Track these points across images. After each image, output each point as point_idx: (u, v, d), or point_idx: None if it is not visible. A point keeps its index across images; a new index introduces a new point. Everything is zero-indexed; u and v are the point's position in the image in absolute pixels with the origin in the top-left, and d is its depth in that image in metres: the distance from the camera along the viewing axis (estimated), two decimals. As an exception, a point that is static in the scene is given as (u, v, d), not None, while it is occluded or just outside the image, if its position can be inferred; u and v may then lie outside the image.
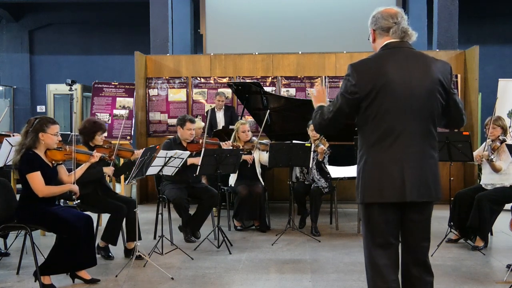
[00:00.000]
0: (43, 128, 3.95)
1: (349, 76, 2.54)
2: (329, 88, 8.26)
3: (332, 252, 5.01)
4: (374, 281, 2.56)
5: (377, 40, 2.63)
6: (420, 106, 2.49)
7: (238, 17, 10.56)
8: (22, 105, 12.92)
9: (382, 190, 2.48)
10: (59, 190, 4.05)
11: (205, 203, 5.46)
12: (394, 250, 2.56)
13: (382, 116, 2.48)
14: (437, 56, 7.98)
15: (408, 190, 2.45)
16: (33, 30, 13.12)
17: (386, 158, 2.49)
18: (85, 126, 4.84)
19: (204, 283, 4.07)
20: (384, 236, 2.53)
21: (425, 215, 2.57)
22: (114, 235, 4.64)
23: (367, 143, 2.55)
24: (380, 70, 2.49)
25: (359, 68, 2.53)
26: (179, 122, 5.59)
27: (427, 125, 2.52)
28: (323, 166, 6.00)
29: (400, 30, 2.55)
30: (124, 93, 8.58)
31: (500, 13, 11.95)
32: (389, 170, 2.47)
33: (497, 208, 5.03)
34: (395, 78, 2.48)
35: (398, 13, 2.58)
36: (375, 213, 2.53)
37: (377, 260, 2.53)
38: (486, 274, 4.28)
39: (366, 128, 2.54)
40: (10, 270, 4.41)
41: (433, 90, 2.51)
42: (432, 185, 2.51)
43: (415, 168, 2.47)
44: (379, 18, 2.59)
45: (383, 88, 2.47)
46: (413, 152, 2.49)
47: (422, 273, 2.57)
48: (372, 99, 2.49)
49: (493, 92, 8.36)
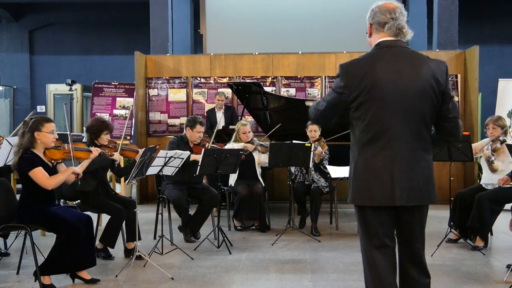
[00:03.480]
0: (38, 127, 3.95)
1: (338, 77, 2.52)
2: (329, 88, 8.27)
3: (332, 252, 5.01)
4: (372, 283, 2.54)
5: (373, 35, 2.58)
6: (412, 107, 2.43)
7: (238, 17, 10.55)
8: (22, 105, 12.92)
9: (372, 193, 2.46)
10: (63, 176, 4.01)
11: (205, 203, 5.46)
12: (390, 251, 2.54)
13: (372, 118, 2.44)
14: (437, 56, 8.00)
15: (397, 195, 2.42)
16: (33, 30, 13.12)
17: (376, 162, 2.45)
18: (93, 124, 4.85)
19: (204, 283, 4.07)
20: (379, 238, 2.51)
21: (418, 217, 2.53)
22: (112, 238, 4.64)
23: (357, 144, 2.52)
24: (370, 71, 2.44)
25: (349, 70, 2.49)
26: (189, 123, 5.55)
27: (419, 127, 2.46)
28: (322, 168, 6.01)
29: (396, 27, 2.49)
30: (124, 93, 8.59)
31: (500, 13, 11.95)
32: (379, 174, 2.44)
33: (497, 208, 5.03)
34: (384, 79, 2.42)
35: (396, 8, 2.51)
36: (368, 215, 2.51)
37: (375, 261, 2.51)
38: (486, 274, 4.28)
39: (357, 128, 2.51)
40: (10, 270, 4.41)
41: (426, 91, 2.43)
42: (424, 189, 2.47)
43: (405, 171, 2.43)
44: (377, 12, 2.53)
45: (372, 90, 2.42)
46: (404, 155, 2.44)
47: (419, 274, 2.55)
48: (361, 102, 2.45)
49: (493, 92, 8.38)
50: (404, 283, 2.59)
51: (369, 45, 2.62)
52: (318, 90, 8.31)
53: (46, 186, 3.88)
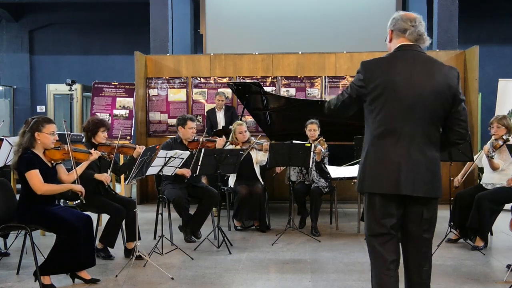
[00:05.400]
0: (38, 127, 3.95)
1: (359, 71, 2.71)
2: (329, 88, 8.27)
3: (332, 252, 5.01)
4: (375, 265, 2.67)
5: (393, 40, 2.76)
6: (423, 106, 2.59)
7: (238, 17, 10.55)
8: (22, 105, 12.91)
9: (380, 182, 2.62)
10: (58, 188, 4.04)
11: (205, 203, 5.46)
12: (395, 241, 2.68)
13: (384, 113, 2.61)
14: (437, 56, 8.00)
15: (403, 184, 2.57)
16: (33, 30, 13.10)
17: (386, 153, 2.61)
18: (89, 122, 4.91)
19: (204, 283, 4.07)
20: (384, 226, 2.65)
21: (427, 210, 2.66)
22: (112, 238, 4.64)
23: (370, 136, 2.69)
24: (388, 69, 2.63)
25: (368, 65, 2.69)
26: (179, 122, 5.60)
27: (428, 126, 2.62)
28: (323, 167, 6.01)
29: (416, 33, 2.68)
30: (124, 93, 8.59)
31: (500, 13, 11.94)
32: (388, 164, 2.60)
33: (497, 208, 5.03)
34: (399, 78, 2.60)
35: (417, 18, 2.73)
36: (377, 204, 2.65)
37: (377, 249, 2.66)
38: (486, 274, 4.28)
39: (370, 121, 2.68)
40: (10, 270, 4.41)
41: (437, 93, 2.60)
42: (430, 183, 2.61)
43: (412, 164, 2.58)
44: (398, 20, 2.73)
45: (387, 86, 2.60)
46: (412, 150, 2.59)
47: (422, 259, 2.70)
48: (375, 96, 2.62)
49: (493, 92, 8.38)
50: (406, 270, 2.73)
51: (389, 49, 2.80)
52: (318, 90, 8.31)
53: (37, 190, 3.88)
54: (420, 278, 2.70)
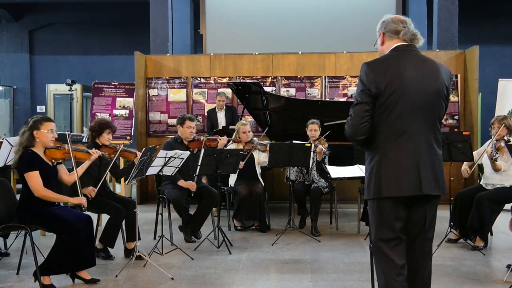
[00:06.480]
0: (37, 125, 3.97)
1: (365, 73, 2.61)
2: (329, 88, 8.27)
3: (332, 252, 5.01)
4: (384, 272, 2.63)
5: (386, 43, 2.74)
6: (431, 105, 2.63)
7: (238, 17, 10.55)
8: (22, 105, 12.91)
9: (400, 184, 2.56)
10: (57, 198, 4.02)
11: (205, 203, 5.46)
12: (403, 246, 2.65)
13: (397, 114, 2.58)
14: (437, 56, 8.02)
15: (424, 184, 2.57)
16: (33, 30, 13.10)
17: (402, 154, 2.58)
18: (95, 123, 4.94)
19: (204, 283, 4.07)
20: (394, 230, 2.62)
21: (434, 208, 2.70)
22: (112, 237, 4.64)
23: (381, 138, 2.61)
24: (395, 69, 2.60)
25: (374, 66, 2.63)
26: (178, 121, 5.64)
27: (435, 124, 2.67)
28: (323, 167, 6.00)
29: (410, 33, 2.68)
30: (124, 93, 8.59)
31: (500, 13, 11.94)
32: (406, 165, 2.57)
33: (497, 208, 5.03)
34: (410, 79, 2.58)
35: (407, 20, 2.73)
36: (387, 208, 2.61)
37: (387, 253, 2.62)
38: (486, 274, 4.28)
39: (381, 123, 2.61)
40: (10, 270, 4.41)
41: (440, 92, 2.65)
42: (440, 180, 2.66)
43: (427, 163, 2.60)
44: (389, 22, 2.72)
45: (399, 87, 2.57)
46: (425, 149, 2.61)
47: (424, 259, 2.71)
48: (387, 96, 2.57)
49: (493, 92, 8.37)
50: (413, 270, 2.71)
51: (381, 52, 2.76)
52: (318, 90, 8.31)
53: (34, 191, 3.88)
54: (422, 278, 2.69)
